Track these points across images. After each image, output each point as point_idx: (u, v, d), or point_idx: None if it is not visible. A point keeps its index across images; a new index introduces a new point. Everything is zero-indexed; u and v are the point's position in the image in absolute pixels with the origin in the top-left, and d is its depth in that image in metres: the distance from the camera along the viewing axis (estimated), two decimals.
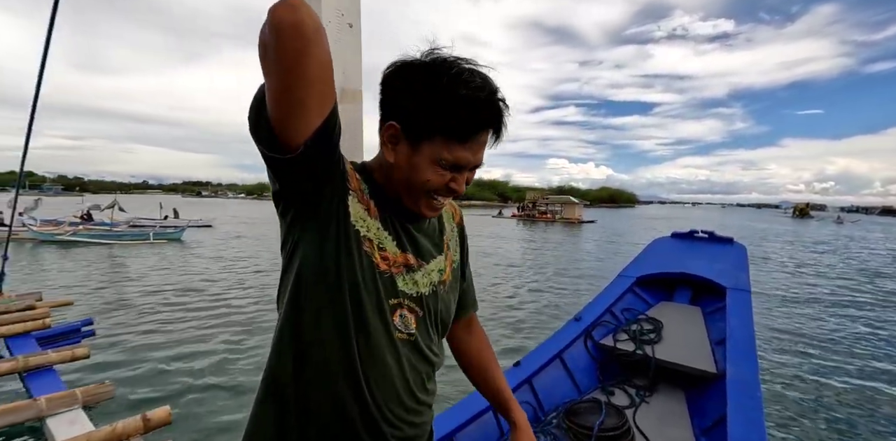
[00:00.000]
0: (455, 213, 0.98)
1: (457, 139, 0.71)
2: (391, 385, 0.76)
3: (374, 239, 0.75)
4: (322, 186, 0.71)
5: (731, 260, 2.96)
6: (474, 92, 0.70)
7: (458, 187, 0.76)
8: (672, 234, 3.40)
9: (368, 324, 0.73)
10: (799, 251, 19.10)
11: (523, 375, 2.29)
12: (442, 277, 0.86)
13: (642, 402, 2.25)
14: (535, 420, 2.16)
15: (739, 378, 2.00)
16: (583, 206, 42.28)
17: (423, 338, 0.81)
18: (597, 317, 2.74)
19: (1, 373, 2.59)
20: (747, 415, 1.79)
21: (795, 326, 6.85)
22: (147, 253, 13.34)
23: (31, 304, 3.59)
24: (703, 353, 2.34)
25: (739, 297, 2.59)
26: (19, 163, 3.02)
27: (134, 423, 1.79)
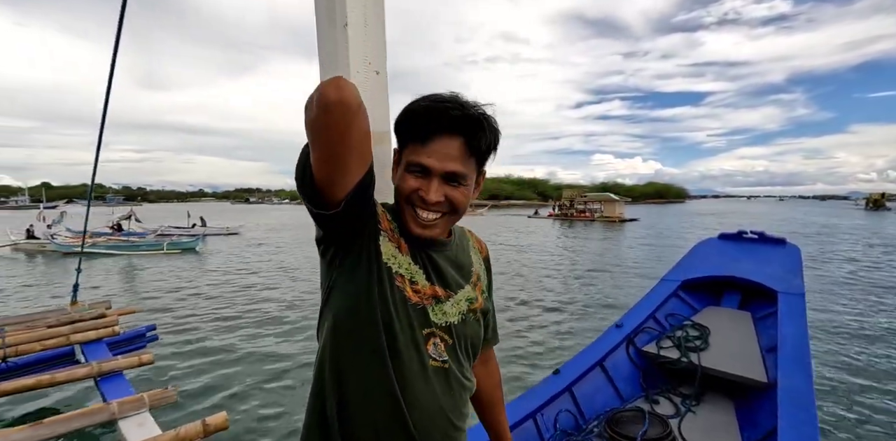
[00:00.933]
0: (482, 249, 1.04)
1: (419, 142, 0.79)
2: (428, 411, 0.81)
3: (405, 274, 0.81)
4: (358, 232, 0.79)
5: (784, 262, 2.83)
6: (435, 103, 0.79)
7: (425, 195, 0.79)
8: (719, 236, 3.28)
9: (402, 354, 0.79)
10: (886, 255, 14.47)
11: (563, 383, 2.28)
12: (472, 306, 0.91)
13: (688, 411, 2.20)
14: (575, 428, 2.15)
15: (792, 388, 1.92)
16: (623, 203, 39.19)
17: (455, 364, 0.86)
18: (639, 323, 2.68)
19: (79, 377, 2.84)
20: (800, 429, 1.71)
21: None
22: (156, 264, 13.04)
23: (103, 313, 3.89)
24: (753, 361, 2.26)
25: (793, 302, 2.47)
26: (90, 176, 3.28)
27: (195, 428, 1.93)
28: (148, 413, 2.39)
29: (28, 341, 3.27)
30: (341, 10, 0.89)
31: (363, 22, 0.92)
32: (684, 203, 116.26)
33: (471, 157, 0.81)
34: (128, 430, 2.23)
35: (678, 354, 2.39)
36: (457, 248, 0.94)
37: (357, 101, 0.65)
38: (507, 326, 6.52)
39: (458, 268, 0.92)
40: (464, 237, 1.00)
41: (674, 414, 2.19)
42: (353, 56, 0.92)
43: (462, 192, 0.82)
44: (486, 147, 0.82)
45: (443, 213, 0.82)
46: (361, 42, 0.92)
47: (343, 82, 0.65)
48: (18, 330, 3.45)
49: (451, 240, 0.93)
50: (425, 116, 0.78)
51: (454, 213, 0.84)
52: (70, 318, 3.74)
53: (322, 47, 0.96)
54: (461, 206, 0.83)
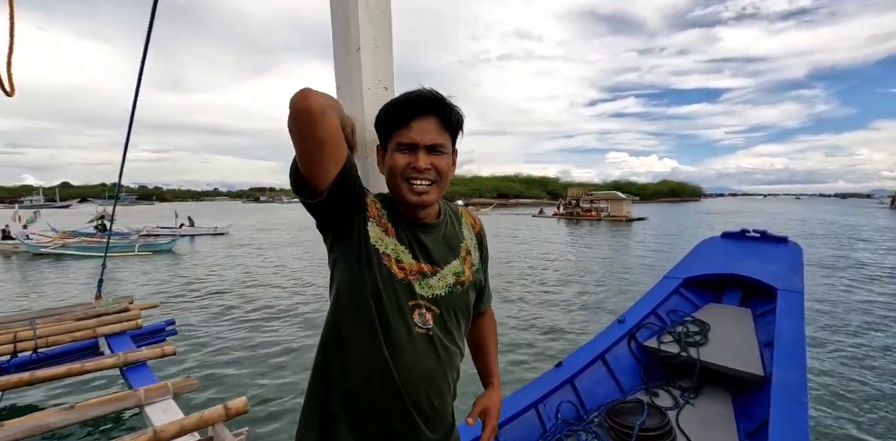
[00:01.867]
0: (475, 224, 1.17)
1: (402, 125, 0.93)
2: (414, 371, 0.94)
3: (391, 254, 0.95)
4: (347, 218, 0.94)
5: (785, 260, 2.89)
6: (408, 93, 0.95)
7: (417, 165, 0.93)
8: (722, 234, 3.34)
9: (391, 322, 0.93)
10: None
11: (565, 376, 2.37)
12: (460, 279, 1.03)
13: (686, 403, 2.28)
14: (576, 418, 2.24)
15: (785, 381, 1.99)
16: (630, 202, 37.63)
17: (442, 331, 0.99)
18: (641, 318, 2.76)
19: (107, 366, 3.00)
20: (791, 419, 1.79)
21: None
22: (128, 267, 12.44)
23: (126, 307, 4.06)
24: (750, 355, 2.33)
25: (791, 299, 2.54)
26: (114, 175, 3.44)
27: (217, 412, 2.06)
28: (172, 400, 2.54)
29: (57, 333, 3.45)
30: (355, 35, 1.04)
31: (374, 45, 1.06)
32: (699, 202, 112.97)
33: (445, 130, 0.96)
34: (154, 415, 2.37)
35: (678, 349, 2.46)
36: (447, 227, 1.07)
37: (320, 107, 0.81)
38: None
39: (446, 245, 1.04)
40: (457, 215, 1.13)
41: (672, 406, 2.27)
42: (365, 75, 1.06)
43: (444, 160, 0.97)
44: (455, 122, 0.98)
45: (432, 180, 0.96)
46: (372, 63, 1.07)
47: (308, 93, 0.81)
48: (48, 322, 3.63)
49: (440, 220, 1.05)
50: (404, 105, 0.94)
51: (441, 180, 0.98)
52: (96, 311, 3.92)
53: (338, 68, 1.10)
54: (445, 172, 0.98)
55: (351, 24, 1.03)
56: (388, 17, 1.08)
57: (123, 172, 3.18)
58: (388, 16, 1.07)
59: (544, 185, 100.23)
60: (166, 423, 1.97)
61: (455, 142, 1.01)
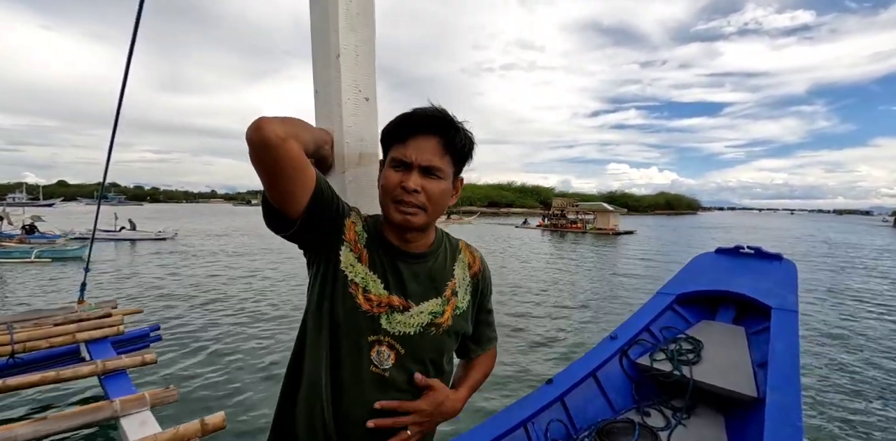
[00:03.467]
0: (473, 264, 1.05)
1: (400, 141, 0.88)
2: (360, 413, 0.85)
3: (360, 282, 0.88)
4: (321, 243, 0.89)
5: (779, 278, 2.86)
6: (415, 110, 0.89)
7: (406, 184, 0.86)
8: (716, 250, 3.31)
9: (343, 360, 0.86)
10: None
11: (555, 393, 2.31)
12: (436, 320, 0.92)
13: (678, 424, 2.22)
14: (566, 438, 2.19)
15: (779, 404, 1.94)
16: (618, 214, 35.59)
17: (402, 376, 0.88)
18: (633, 335, 2.72)
19: (84, 375, 2.91)
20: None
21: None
22: (19, 275, 11.45)
23: (108, 312, 3.96)
24: (744, 375, 2.28)
25: (785, 318, 2.50)
26: (114, 175, 3.37)
27: (193, 427, 1.99)
28: (149, 411, 2.45)
29: (35, 338, 3.35)
30: (335, 42, 0.98)
31: (354, 53, 1.01)
32: (696, 215, 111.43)
33: (446, 154, 0.88)
34: (129, 428, 2.29)
35: (671, 367, 2.41)
36: (436, 260, 0.97)
37: (277, 137, 0.73)
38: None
39: (429, 281, 0.95)
40: (455, 251, 1.02)
41: (664, 426, 2.21)
42: (344, 83, 1.00)
43: (438, 186, 0.88)
44: (460, 146, 0.89)
45: (418, 205, 0.87)
46: (352, 71, 1.01)
47: (263, 123, 0.73)
48: (26, 327, 3.53)
49: (429, 251, 0.96)
50: (406, 120, 0.88)
51: (431, 206, 0.89)
52: (77, 316, 3.82)
53: (317, 76, 1.05)
54: (436, 199, 0.89)
55: (331, 30, 0.98)
56: (371, 24, 1.02)
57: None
58: (372, 24, 1.02)
59: (538, 195, 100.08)
60: (140, 438, 1.89)
61: (461, 168, 0.93)
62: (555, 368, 4.92)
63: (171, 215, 31.50)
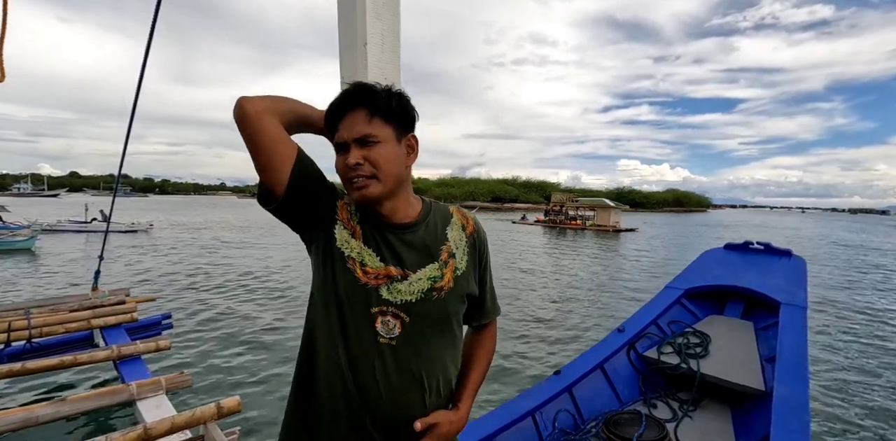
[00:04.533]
0: (467, 225, 1.05)
1: (335, 128, 0.91)
2: (375, 385, 0.88)
3: (356, 257, 0.91)
4: (312, 221, 0.93)
5: (788, 274, 2.86)
6: (335, 98, 0.92)
7: (347, 161, 0.87)
8: (725, 246, 3.32)
9: (350, 331, 0.89)
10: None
11: (563, 384, 2.34)
12: (437, 284, 0.94)
13: (685, 416, 2.25)
14: (573, 428, 2.22)
15: (787, 398, 1.96)
16: (620, 211, 33.76)
17: (411, 342, 0.91)
18: (641, 328, 2.74)
19: (100, 359, 2.98)
20: (793, 436, 1.76)
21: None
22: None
23: (122, 299, 4.03)
24: (751, 369, 2.30)
25: (794, 314, 2.51)
26: (128, 166, 3.41)
27: (209, 410, 2.03)
28: (164, 396, 2.51)
29: (52, 324, 3.42)
30: (362, 31, 1.02)
31: (381, 42, 1.04)
32: (706, 212, 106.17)
33: (374, 117, 0.88)
34: (145, 411, 2.35)
35: (678, 360, 2.44)
36: (427, 228, 0.98)
37: (254, 112, 0.82)
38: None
39: (422, 247, 0.95)
40: (445, 216, 1.03)
41: (671, 418, 2.24)
42: (371, 71, 1.04)
43: (378, 151, 0.88)
44: (385, 106, 0.88)
45: (368, 175, 0.88)
46: (378, 59, 1.05)
47: (242, 101, 0.82)
48: (43, 312, 3.60)
49: (416, 221, 0.97)
50: (332, 107, 0.91)
51: (381, 171, 0.88)
52: (91, 303, 3.89)
53: (344, 64, 1.08)
54: (383, 163, 0.88)
55: (358, 19, 1.01)
56: (396, 14, 1.05)
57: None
58: (397, 13, 1.05)
59: (543, 190, 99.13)
60: (157, 421, 1.94)
61: (404, 126, 0.92)
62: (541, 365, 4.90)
63: (168, 207, 31.29)
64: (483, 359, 1.10)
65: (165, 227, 22.44)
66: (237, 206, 59.01)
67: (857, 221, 79.99)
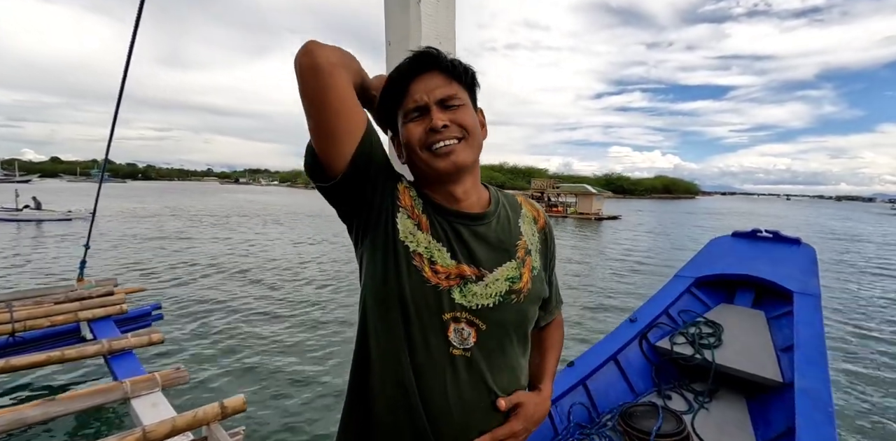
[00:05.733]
0: (538, 217, 0.96)
1: (400, 94, 0.79)
2: (445, 400, 0.76)
3: (424, 253, 0.77)
4: (371, 207, 0.78)
5: (799, 262, 2.82)
6: (399, 64, 0.80)
7: (434, 124, 0.76)
8: (732, 234, 3.27)
9: (416, 339, 0.76)
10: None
11: (577, 376, 2.29)
12: (515, 286, 0.82)
13: (701, 408, 2.21)
14: (589, 421, 2.17)
15: (810, 389, 1.92)
16: (603, 197, 32.41)
17: (487, 353, 0.79)
18: (653, 318, 2.68)
19: (89, 355, 2.84)
20: (818, 429, 1.72)
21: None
22: None
23: (111, 290, 3.88)
24: (767, 360, 2.26)
25: (808, 303, 2.47)
26: (114, 151, 3.23)
27: (213, 410, 1.93)
28: (161, 393, 2.40)
29: (36, 317, 3.27)
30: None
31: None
32: (694, 199, 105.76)
33: (453, 81, 0.79)
34: (141, 410, 2.23)
35: (692, 351, 2.39)
36: (499, 219, 0.86)
37: (328, 63, 0.67)
38: None
39: (497, 242, 0.84)
40: (514, 206, 0.93)
41: (687, 410, 2.20)
42: (425, 31, 0.90)
43: (465, 112, 0.79)
44: (462, 72, 0.80)
45: (458, 137, 0.78)
46: (433, 20, 0.91)
47: (314, 46, 0.67)
48: (26, 305, 3.44)
49: (488, 211, 0.86)
50: (397, 74, 0.79)
51: (470, 136, 0.80)
52: (78, 294, 3.73)
53: (391, 26, 0.93)
54: (471, 126, 0.79)
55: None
56: None
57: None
58: None
59: (530, 176, 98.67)
60: (157, 422, 1.83)
61: (475, 97, 0.84)
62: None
63: (139, 193, 30.36)
64: (555, 347, 1.01)
65: (113, 215, 20.65)
66: (212, 192, 57.61)
67: (843, 209, 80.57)
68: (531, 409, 0.83)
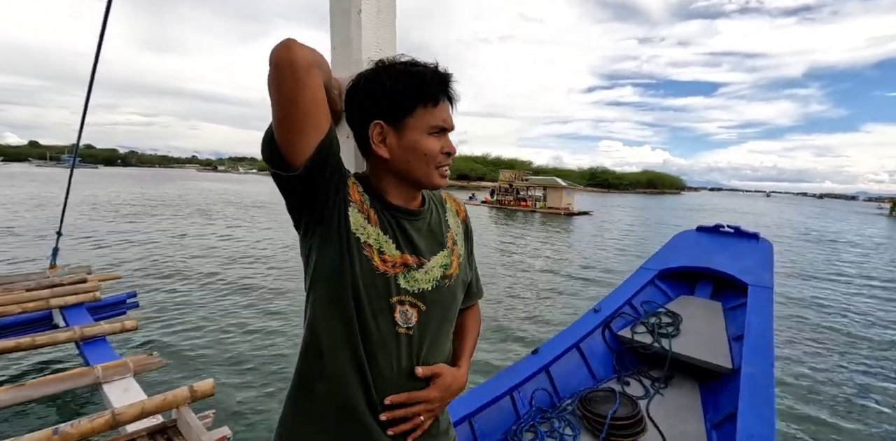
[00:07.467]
0: (460, 210, 1.07)
1: (432, 103, 0.85)
2: (391, 372, 0.86)
3: (373, 244, 0.85)
4: (324, 200, 0.83)
5: (756, 256, 2.96)
6: (425, 66, 0.86)
7: (451, 149, 0.89)
8: (697, 228, 3.40)
9: (368, 321, 0.84)
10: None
11: (541, 363, 2.38)
12: (447, 272, 0.93)
13: (656, 393, 2.32)
14: (550, 406, 2.26)
15: (753, 374, 2.04)
16: (573, 191, 30.11)
17: (425, 331, 0.90)
18: (616, 308, 2.79)
19: (61, 341, 2.85)
20: (758, 410, 1.84)
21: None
22: None
23: (83, 278, 3.85)
24: (719, 348, 2.39)
25: (761, 295, 2.61)
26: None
27: (182, 394, 1.97)
28: (133, 378, 2.43)
29: (6, 303, 3.24)
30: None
31: (376, 9, 0.97)
32: (678, 195, 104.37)
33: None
34: (113, 395, 2.26)
35: (651, 339, 2.50)
36: (431, 215, 0.97)
37: (306, 62, 0.71)
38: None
39: (432, 234, 0.95)
40: (441, 202, 1.03)
41: (643, 395, 2.31)
42: (365, 41, 0.96)
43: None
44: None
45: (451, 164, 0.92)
46: (374, 27, 0.98)
47: (292, 44, 0.71)
48: None
49: (423, 208, 0.96)
50: (435, 80, 0.85)
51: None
52: (50, 281, 3.70)
53: (335, 32, 0.99)
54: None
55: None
56: None
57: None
58: None
59: (512, 168, 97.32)
60: (126, 405, 1.87)
61: None
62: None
63: (90, 180, 28.60)
64: (473, 331, 1.11)
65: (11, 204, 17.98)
66: (182, 179, 55.11)
67: (822, 206, 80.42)
68: (448, 380, 0.92)
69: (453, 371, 0.95)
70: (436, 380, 0.91)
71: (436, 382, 0.91)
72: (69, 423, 1.71)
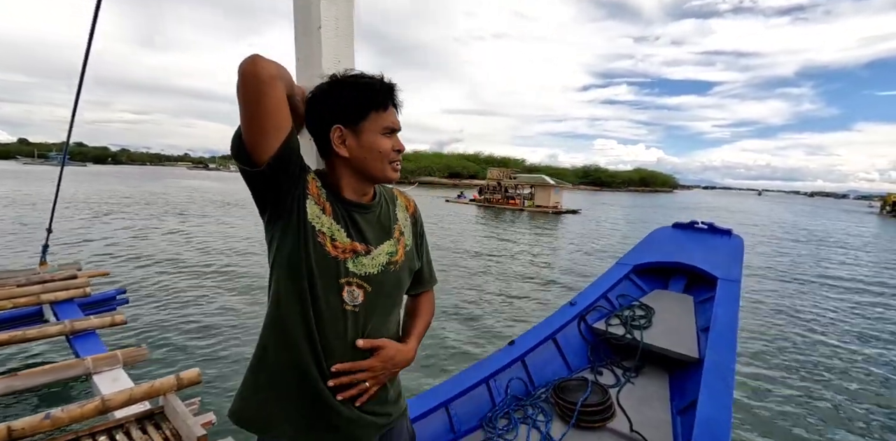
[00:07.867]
0: (409, 205, 1.21)
1: (382, 108, 0.98)
2: (339, 344, 0.98)
3: (327, 232, 0.97)
4: (286, 193, 0.95)
5: (727, 251, 3.07)
6: (372, 78, 0.99)
7: (400, 146, 1.03)
8: (673, 225, 3.51)
9: (320, 299, 0.96)
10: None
11: (516, 353, 2.47)
12: (393, 258, 1.06)
13: (627, 382, 2.43)
14: (525, 394, 2.36)
15: (716, 363, 2.15)
16: (561, 189, 30.29)
17: (371, 310, 1.02)
18: (591, 302, 2.90)
19: (52, 334, 2.91)
20: (717, 397, 1.94)
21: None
22: None
23: (74, 274, 3.91)
24: (688, 339, 2.49)
25: (728, 288, 2.72)
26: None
27: (169, 382, 2.05)
28: (122, 369, 2.50)
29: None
30: (316, 14, 1.05)
31: (335, 26, 1.08)
32: (671, 193, 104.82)
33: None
34: (102, 385, 2.34)
35: (623, 331, 2.61)
36: (381, 208, 1.10)
37: (268, 75, 0.83)
38: None
39: (379, 225, 1.07)
40: (392, 198, 1.17)
41: (614, 384, 2.42)
42: (325, 54, 1.07)
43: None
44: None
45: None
46: (333, 43, 1.09)
47: (258, 59, 0.83)
48: None
49: (375, 202, 1.09)
50: (383, 90, 0.98)
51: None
52: (40, 278, 3.76)
53: (299, 46, 1.11)
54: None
55: (312, 3, 1.04)
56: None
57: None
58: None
59: (504, 166, 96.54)
60: (115, 392, 1.95)
61: None
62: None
63: (76, 178, 28.33)
64: (425, 315, 1.23)
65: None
66: (170, 177, 54.63)
67: (812, 205, 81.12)
68: (391, 353, 1.05)
69: (398, 346, 1.07)
70: (378, 352, 1.03)
71: (378, 354, 1.03)
72: (60, 408, 1.78)
